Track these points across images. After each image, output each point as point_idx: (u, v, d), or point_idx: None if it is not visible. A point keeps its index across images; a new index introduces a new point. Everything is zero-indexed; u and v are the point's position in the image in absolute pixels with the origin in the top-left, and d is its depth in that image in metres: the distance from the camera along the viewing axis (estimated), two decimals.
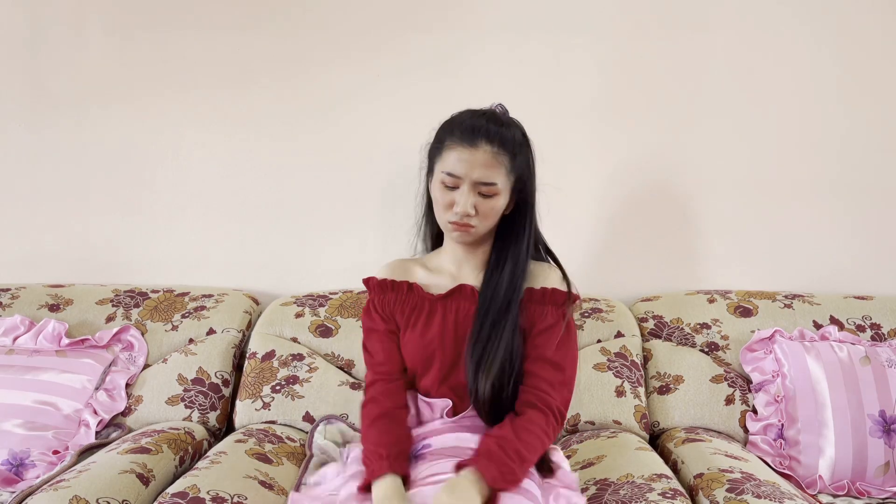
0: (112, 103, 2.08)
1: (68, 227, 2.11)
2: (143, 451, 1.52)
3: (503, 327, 1.32)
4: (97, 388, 1.79)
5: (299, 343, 1.89)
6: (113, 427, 1.77)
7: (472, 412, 1.37)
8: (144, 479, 1.44)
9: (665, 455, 1.67)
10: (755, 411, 1.78)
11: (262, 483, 1.45)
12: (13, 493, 1.55)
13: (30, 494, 1.37)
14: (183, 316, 1.94)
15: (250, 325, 1.96)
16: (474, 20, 2.03)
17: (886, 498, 1.65)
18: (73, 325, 1.90)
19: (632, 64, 2.03)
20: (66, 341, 1.83)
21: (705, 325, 1.90)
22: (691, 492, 1.48)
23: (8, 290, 1.99)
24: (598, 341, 1.87)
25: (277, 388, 1.81)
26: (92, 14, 2.07)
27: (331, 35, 2.04)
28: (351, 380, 1.82)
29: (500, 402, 1.32)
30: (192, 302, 1.97)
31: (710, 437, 1.70)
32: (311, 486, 1.44)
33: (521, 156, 1.35)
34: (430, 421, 1.40)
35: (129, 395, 1.81)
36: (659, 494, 1.37)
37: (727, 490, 1.39)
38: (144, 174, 2.09)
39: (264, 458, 1.57)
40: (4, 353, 1.79)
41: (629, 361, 1.83)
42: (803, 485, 1.66)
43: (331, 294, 1.98)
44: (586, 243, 2.06)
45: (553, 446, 1.43)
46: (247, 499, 1.37)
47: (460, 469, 1.24)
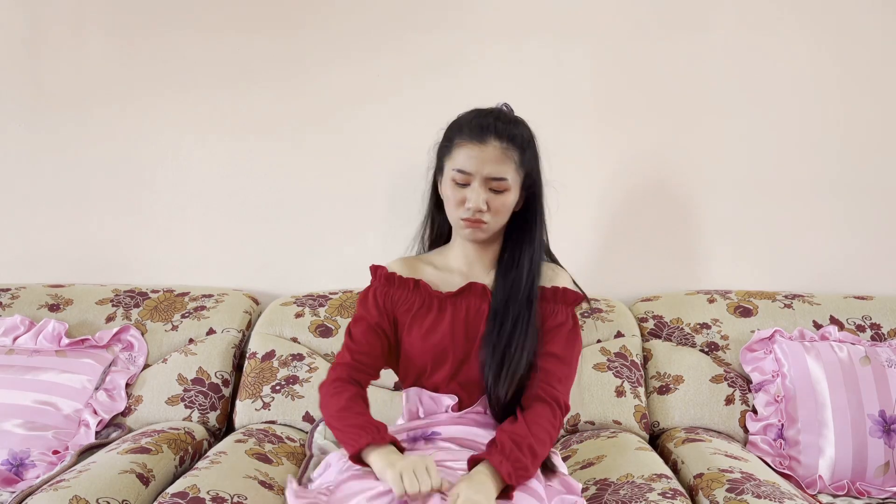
0: (112, 103, 2.08)
1: (68, 227, 2.11)
2: (143, 451, 1.52)
3: (525, 332, 1.33)
4: (97, 388, 1.79)
5: (299, 343, 1.89)
6: (113, 427, 1.77)
7: (478, 407, 1.38)
8: (144, 479, 1.44)
9: (665, 455, 1.67)
10: (755, 411, 1.78)
11: (262, 483, 1.45)
12: (13, 493, 1.55)
13: (30, 494, 1.37)
14: (183, 316, 1.94)
15: (250, 325, 1.96)
16: (474, 20, 2.03)
17: (886, 498, 1.65)
18: (73, 325, 1.90)
19: (632, 64, 2.03)
20: (66, 341, 1.83)
21: (705, 325, 1.90)
22: (691, 492, 1.48)
23: (8, 290, 2.00)
24: (598, 341, 1.87)
25: (277, 388, 1.81)
26: (92, 14, 2.07)
27: (331, 35, 2.04)
28: None
29: (513, 402, 1.33)
30: (192, 302, 1.97)
31: (710, 437, 1.70)
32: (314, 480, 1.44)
33: (530, 151, 1.37)
34: (435, 413, 1.40)
35: (129, 395, 1.81)
36: (659, 494, 1.37)
37: (727, 490, 1.39)
38: (144, 174, 2.09)
39: (264, 458, 1.57)
40: (4, 353, 1.79)
41: (629, 361, 1.83)
42: (803, 485, 1.66)
43: (331, 294, 1.98)
44: (586, 243, 2.06)
45: (552, 450, 1.43)
46: (247, 499, 1.36)
47: (474, 463, 1.25)
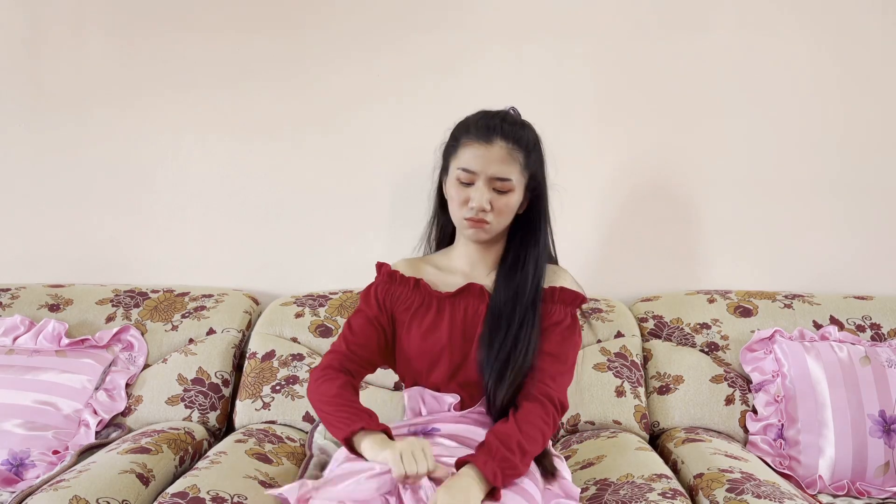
0: (112, 103, 2.08)
1: (68, 227, 2.11)
2: (143, 451, 1.52)
3: (529, 334, 1.33)
4: (97, 388, 1.79)
5: (299, 343, 1.89)
6: (113, 427, 1.77)
7: (480, 407, 1.37)
8: (144, 479, 1.44)
9: (665, 455, 1.67)
10: (755, 411, 1.78)
11: (262, 483, 1.45)
12: (13, 493, 1.55)
13: (30, 494, 1.37)
14: (183, 316, 1.94)
15: (250, 325, 1.96)
16: (474, 21, 2.03)
17: (886, 498, 1.65)
18: (73, 325, 1.90)
19: (632, 64, 2.03)
20: (66, 341, 1.83)
21: (705, 325, 1.90)
22: (691, 492, 1.48)
23: (8, 290, 1.99)
24: (598, 341, 1.87)
25: (277, 388, 1.81)
26: (92, 14, 2.07)
27: (331, 35, 2.04)
28: None
29: (512, 402, 1.33)
30: (192, 302, 1.97)
31: (710, 437, 1.70)
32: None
33: (535, 154, 1.38)
34: (437, 412, 1.40)
35: (128, 395, 1.81)
36: (659, 494, 1.37)
37: (727, 490, 1.39)
38: (144, 174, 2.09)
39: (264, 458, 1.57)
40: (4, 353, 1.79)
41: (629, 361, 1.83)
42: (803, 485, 1.66)
43: (331, 294, 1.98)
44: (586, 243, 2.06)
45: (557, 455, 1.43)
46: (247, 499, 1.36)
47: (460, 466, 1.24)
